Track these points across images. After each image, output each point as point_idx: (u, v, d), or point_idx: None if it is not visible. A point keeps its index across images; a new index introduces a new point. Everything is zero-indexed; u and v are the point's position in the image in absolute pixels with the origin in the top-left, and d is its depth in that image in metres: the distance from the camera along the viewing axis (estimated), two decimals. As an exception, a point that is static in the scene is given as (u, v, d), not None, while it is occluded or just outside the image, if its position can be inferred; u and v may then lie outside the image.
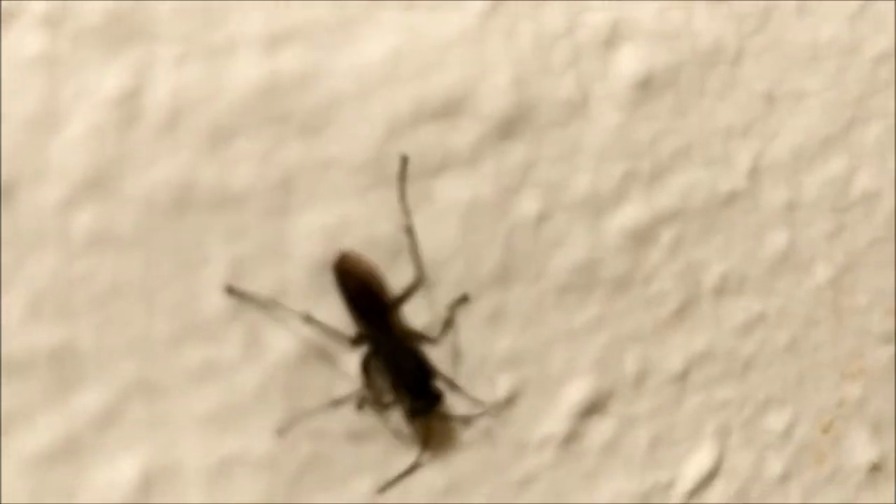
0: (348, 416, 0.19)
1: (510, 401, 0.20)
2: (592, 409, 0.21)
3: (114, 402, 0.17)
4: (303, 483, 0.18)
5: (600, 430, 0.21)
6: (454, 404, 0.20)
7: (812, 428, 0.24)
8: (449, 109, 0.19)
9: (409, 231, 0.19)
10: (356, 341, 0.18)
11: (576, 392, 0.21)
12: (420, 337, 0.19)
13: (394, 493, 0.19)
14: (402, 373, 0.18)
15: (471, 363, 0.20)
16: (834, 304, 0.24)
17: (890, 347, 0.25)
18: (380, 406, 0.19)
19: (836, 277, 0.24)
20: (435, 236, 0.19)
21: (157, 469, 0.17)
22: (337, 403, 0.18)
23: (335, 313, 0.19)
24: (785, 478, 0.24)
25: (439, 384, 0.19)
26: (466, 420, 0.19)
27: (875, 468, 0.25)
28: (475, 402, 0.19)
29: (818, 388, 0.24)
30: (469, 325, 0.20)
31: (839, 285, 0.24)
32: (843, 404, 0.24)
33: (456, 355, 0.20)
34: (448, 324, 0.19)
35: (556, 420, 0.21)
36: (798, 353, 0.24)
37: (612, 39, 0.21)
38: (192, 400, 0.17)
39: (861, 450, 0.25)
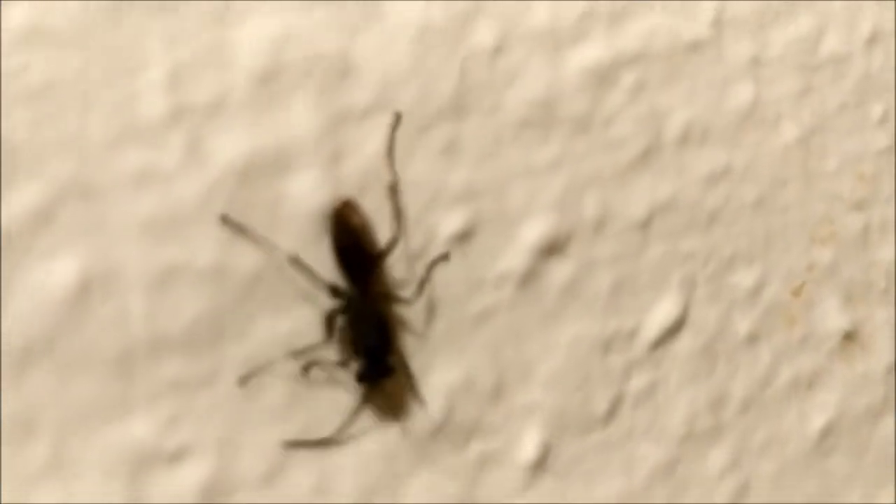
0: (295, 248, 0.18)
1: (466, 235, 0.20)
2: (551, 249, 0.20)
3: (49, 201, 0.16)
4: (249, 299, 0.18)
5: (560, 271, 0.21)
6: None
7: (782, 290, 0.23)
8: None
9: (393, 189, 0.19)
10: (334, 293, 0.18)
11: (534, 231, 0.20)
12: (394, 298, 0.19)
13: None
14: (364, 338, 0.18)
15: (425, 195, 0.19)
16: (803, 166, 0.24)
17: (861, 216, 0.25)
18: (332, 364, 0.18)
19: (804, 138, 0.24)
20: (386, 59, 0.19)
21: (95, 273, 0.17)
22: (296, 355, 0.18)
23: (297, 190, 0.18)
24: (754, 338, 0.23)
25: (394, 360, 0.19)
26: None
27: (848, 337, 0.24)
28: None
29: (787, 249, 0.23)
30: (423, 155, 0.19)
31: (808, 147, 0.24)
32: (814, 268, 0.24)
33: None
34: (423, 283, 0.19)
35: (513, 257, 0.20)
36: (765, 212, 0.23)
37: None
38: (130, 205, 0.17)
39: (833, 317, 0.24)
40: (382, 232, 0.19)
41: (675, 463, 0.22)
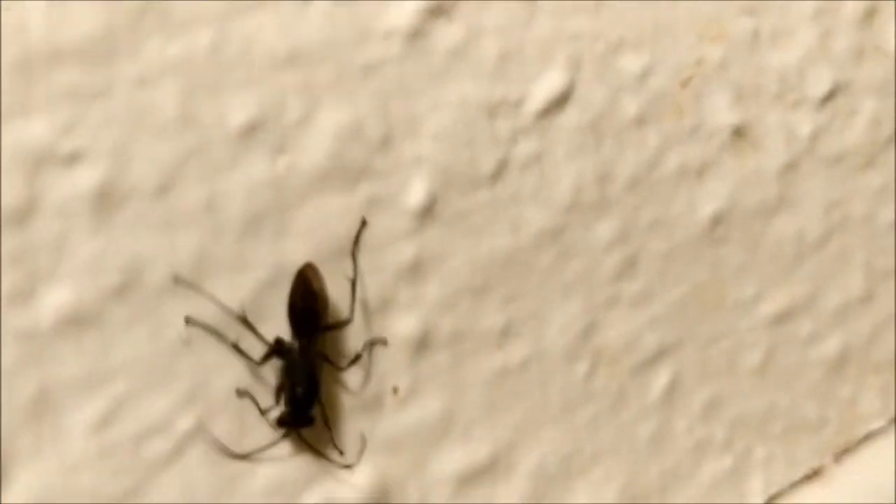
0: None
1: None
2: (438, 11, 0.22)
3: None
4: (142, 24, 0.19)
5: (447, 33, 0.22)
6: None
7: (670, 80, 0.25)
8: None
9: (353, 284, 0.21)
10: (274, 350, 0.20)
11: (421, -7, 0.22)
12: (329, 363, 0.21)
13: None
14: (294, 386, 0.20)
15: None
16: (692, -33, 0.25)
17: (752, 20, 0.26)
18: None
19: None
20: None
21: (-3, -13, 0.18)
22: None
23: None
24: (641, 121, 0.24)
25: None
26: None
27: (738, 133, 0.26)
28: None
29: (676, 42, 0.25)
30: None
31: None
32: (702, 63, 0.25)
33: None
34: (357, 358, 0.21)
35: (400, 14, 0.22)
36: (654, 2, 0.24)
37: None
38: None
39: (723, 112, 0.26)
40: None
41: (561, 229, 0.24)
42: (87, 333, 0.19)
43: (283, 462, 0.21)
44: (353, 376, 0.21)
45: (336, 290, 0.21)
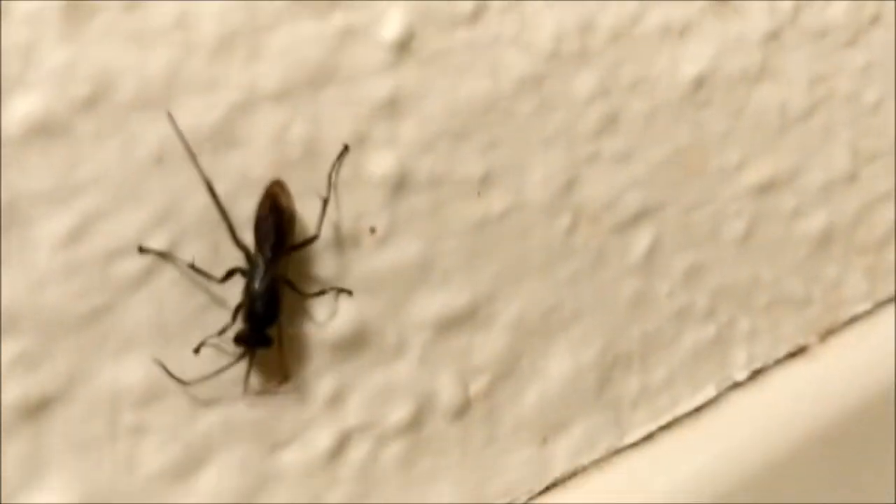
0: None
1: None
2: None
3: None
4: None
5: None
6: None
7: (652, -65, 0.25)
8: None
9: (325, 203, 0.21)
10: (246, 255, 0.20)
11: None
12: (292, 287, 0.20)
13: None
14: (254, 304, 0.20)
15: None
16: None
17: None
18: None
19: None
20: None
21: None
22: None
23: None
24: (623, -26, 0.24)
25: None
26: None
27: (721, -5, 0.26)
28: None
29: None
30: None
31: None
32: (685, -79, 0.25)
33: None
34: (321, 292, 0.21)
35: None
36: None
37: None
38: None
39: (705, -27, 0.25)
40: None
41: (542, 77, 0.23)
42: (55, 145, 0.18)
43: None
44: (329, 214, 0.21)
45: (304, 129, 0.21)
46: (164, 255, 0.19)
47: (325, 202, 0.21)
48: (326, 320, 0.21)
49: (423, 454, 0.22)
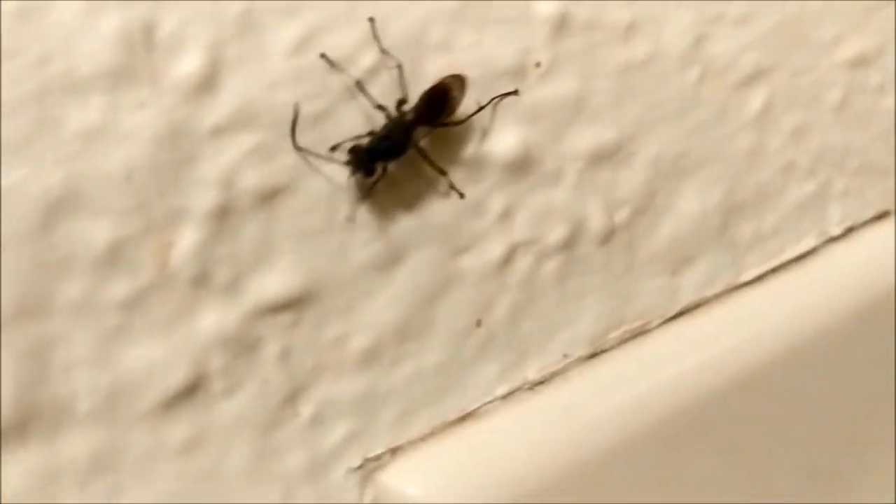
0: None
1: None
2: None
3: None
4: None
5: None
6: None
7: None
8: None
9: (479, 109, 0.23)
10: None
11: None
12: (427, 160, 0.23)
13: None
14: (383, 138, 0.22)
15: None
16: None
17: None
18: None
19: None
20: None
21: None
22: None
23: None
24: None
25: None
26: None
27: None
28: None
29: None
30: None
31: None
32: None
33: None
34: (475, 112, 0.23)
35: None
36: None
37: None
38: None
39: None
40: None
41: (678, -60, 0.26)
42: (287, -37, 0.21)
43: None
44: (501, 45, 0.23)
45: None
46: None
47: (480, 109, 0.23)
48: (496, 145, 0.24)
49: (575, 273, 0.25)
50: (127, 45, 0.19)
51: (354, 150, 0.22)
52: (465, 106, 0.23)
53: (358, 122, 0.22)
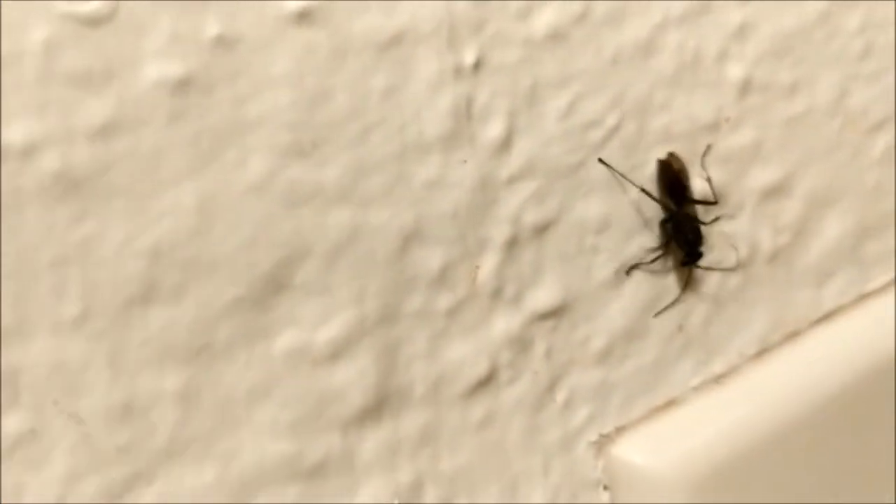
0: None
1: None
2: None
3: None
4: None
5: None
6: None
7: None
8: None
9: (708, 179, 0.30)
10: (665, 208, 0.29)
11: None
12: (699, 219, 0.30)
13: None
14: (683, 235, 0.29)
15: None
16: None
17: None
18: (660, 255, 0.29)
19: None
20: None
21: None
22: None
23: None
24: (879, -57, 0.33)
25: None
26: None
27: None
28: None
29: None
30: None
31: None
32: None
33: None
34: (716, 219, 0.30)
35: None
36: None
37: None
38: None
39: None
40: None
41: (828, 14, 0.32)
42: (559, 47, 0.26)
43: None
44: (702, 105, 0.29)
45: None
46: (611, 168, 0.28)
47: (709, 179, 0.30)
48: (695, 183, 0.30)
49: (749, 286, 0.31)
50: (455, 115, 0.25)
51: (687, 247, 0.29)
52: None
53: (602, 171, 0.28)
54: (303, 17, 0.23)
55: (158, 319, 0.22)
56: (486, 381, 0.26)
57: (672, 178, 0.29)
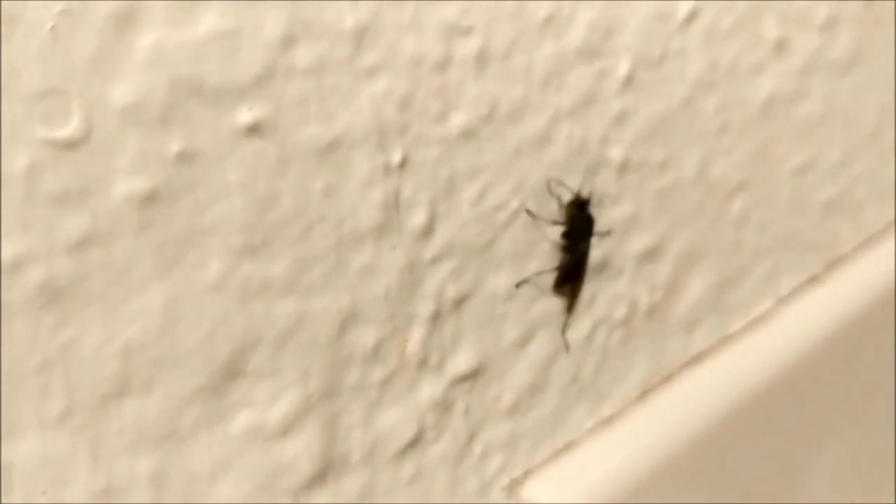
0: None
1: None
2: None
3: None
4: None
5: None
6: None
7: None
8: None
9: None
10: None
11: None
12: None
13: None
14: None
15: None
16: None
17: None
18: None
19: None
20: None
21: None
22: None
23: None
24: None
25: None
26: None
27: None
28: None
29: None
30: None
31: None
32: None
33: None
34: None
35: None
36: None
37: None
38: None
39: None
40: None
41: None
42: (471, 142, 0.30)
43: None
44: (585, 187, 0.33)
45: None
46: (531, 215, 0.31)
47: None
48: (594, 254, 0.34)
49: (630, 339, 0.35)
50: (385, 207, 0.28)
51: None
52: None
53: (511, 245, 0.31)
54: (253, 129, 0.25)
55: (132, 410, 0.24)
56: (415, 442, 0.29)
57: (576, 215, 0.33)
